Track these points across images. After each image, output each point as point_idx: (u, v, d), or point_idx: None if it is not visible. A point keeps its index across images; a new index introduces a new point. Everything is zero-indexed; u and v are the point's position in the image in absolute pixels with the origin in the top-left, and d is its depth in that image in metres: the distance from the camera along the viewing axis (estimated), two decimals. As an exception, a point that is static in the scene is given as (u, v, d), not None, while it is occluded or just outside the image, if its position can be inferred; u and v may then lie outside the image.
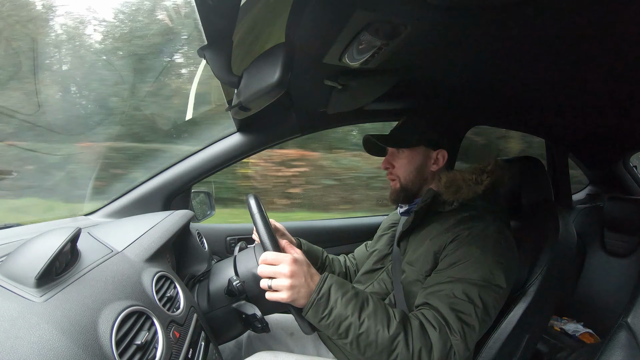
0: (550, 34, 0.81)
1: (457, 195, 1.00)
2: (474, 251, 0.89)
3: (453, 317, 0.80)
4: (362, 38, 0.79)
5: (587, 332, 1.69)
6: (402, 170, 1.09)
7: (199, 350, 0.81)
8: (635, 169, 2.19)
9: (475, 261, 0.87)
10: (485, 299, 0.84)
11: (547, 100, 1.40)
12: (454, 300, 0.83)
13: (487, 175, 1.02)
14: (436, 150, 1.08)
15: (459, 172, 1.04)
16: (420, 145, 1.08)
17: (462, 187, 1.00)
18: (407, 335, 0.78)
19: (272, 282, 0.83)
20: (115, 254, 0.80)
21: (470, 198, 1.00)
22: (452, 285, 0.85)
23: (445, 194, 1.02)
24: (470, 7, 0.70)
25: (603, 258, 1.85)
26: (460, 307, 0.82)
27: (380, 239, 1.26)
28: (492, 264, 0.87)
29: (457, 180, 1.01)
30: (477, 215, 0.98)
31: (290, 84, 1.18)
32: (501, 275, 0.87)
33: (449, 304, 0.82)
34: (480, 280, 0.85)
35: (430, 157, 1.08)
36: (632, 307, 0.81)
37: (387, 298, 1.09)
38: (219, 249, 1.68)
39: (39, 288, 0.55)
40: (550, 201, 1.27)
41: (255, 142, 1.49)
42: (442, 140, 1.09)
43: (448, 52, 0.98)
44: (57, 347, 0.48)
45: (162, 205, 1.43)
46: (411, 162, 1.08)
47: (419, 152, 1.08)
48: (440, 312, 0.82)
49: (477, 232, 0.93)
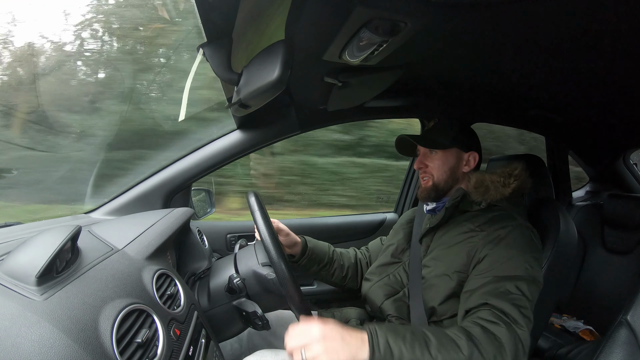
0: (551, 31, 0.81)
1: (485, 196, 1.06)
2: (513, 249, 0.93)
3: (516, 311, 0.82)
4: (363, 35, 0.79)
5: (587, 329, 1.69)
6: (436, 170, 1.13)
7: (199, 347, 0.82)
8: (636, 167, 2.19)
9: (516, 258, 0.91)
10: (533, 293, 0.88)
11: (548, 97, 1.40)
12: (512, 296, 0.85)
13: (514, 178, 1.08)
14: (468, 153, 1.13)
15: (488, 174, 1.09)
16: (454, 147, 1.13)
17: (490, 189, 1.06)
18: (479, 347, 0.77)
19: (306, 352, 0.73)
20: (115, 251, 0.80)
21: (497, 199, 1.05)
22: (504, 283, 0.87)
23: (474, 194, 1.07)
24: (470, 4, 0.70)
25: (603, 255, 1.85)
26: (519, 302, 0.84)
27: (397, 233, 1.28)
28: (530, 260, 0.91)
29: (485, 181, 1.07)
30: (507, 215, 1.02)
31: (290, 81, 1.17)
32: (539, 270, 0.92)
33: (509, 300, 0.84)
34: (526, 276, 0.88)
35: (463, 158, 1.13)
36: (632, 305, 0.81)
37: (402, 291, 1.11)
38: (220, 247, 1.69)
39: (39, 286, 0.55)
40: (550, 198, 1.27)
41: (255, 140, 1.48)
42: (472, 143, 1.15)
43: (448, 49, 0.97)
44: (57, 346, 0.48)
45: (162, 203, 1.43)
46: (445, 162, 1.13)
47: (452, 153, 1.13)
48: (502, 309, 0.83)
49: (512, 231, 0.96)
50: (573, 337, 1.66)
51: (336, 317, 1.21)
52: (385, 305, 1.11)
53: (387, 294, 1.12)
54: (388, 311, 1.10)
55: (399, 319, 1.08)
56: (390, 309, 1.10)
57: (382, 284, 1.15)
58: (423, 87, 1.37)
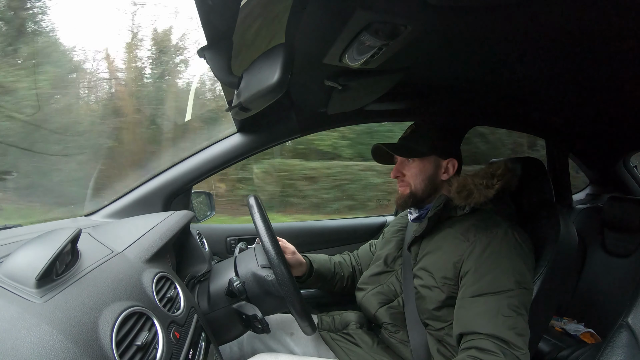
0: (551, 33, 0.81)
1: (469, 200, 1.01)
2: (501, 259, 0.90)
3: (512, 335, 0.81)
4: (363, 38, 0.79)
5: (588, 332, 1.68)
6: (413, 179, 1.10)
7: (199, 350, 0.81)
8: (636, 169, 2.19)
9: (505, 270, 0.88)
10: (525, 303, 0.87)
11: (548, 100, 1.40)
12: (505, 319, 0.83)
13: (497, 179, 1.03)
14: (447, 160, 1.10)
15: (470, 177, 1.05)
16: (432, 154, 1.09)
17: (473, 192, 1.01)
18: None
19: None
20: (115, 254, 0.80)
21: (481, 202, 1.01)
22: (495, 303, 0.85)
23: (457, 199, 1.02)
24: (470, 7, 0.70)
25: (603, 258, 1.85)
26: (513, 323, 0.82)
27: (388, 242, 1.26)
28: (519, 267, 0.90)
29: (468, 185, 1.02)
30: (492, 220, 0.99)
31: (291, 85, 1.18)
32: (528, 275, 0.91)
33: (502, 323, 0.82)
34: (516, 287, 0.86)
35: (441, 166, 1.10)
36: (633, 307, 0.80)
37: (396, 300, 1.10)
38: (220, 250, 1.68)
39: (39, 289, 0.55)
40: (551, 201, 1.27)
41: (256, 143, 1.48)
42: (452, 148, 1.11)
43: (448, 53, 0.98)
44: (57, 348, 0.47)
45: (162, 205, 1.43)
46: (422, 171, 1.09)
47: (430, 161, 1.10)
48: (497, 336, 0.81)
49: (498, 240, 0.93)
50: (574, 340, 1.66)
51: (336, 320, 1.21)
52: (380, 314, 1.10)
53: (381, 302, 1.11)
54: (383, 319, 1.09)
55: (394, 327, 1.08)
56: (384, 317, 1.09)
57: (376, 292, 1.14)
58: (423, 90, 1.38)
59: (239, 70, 0.87)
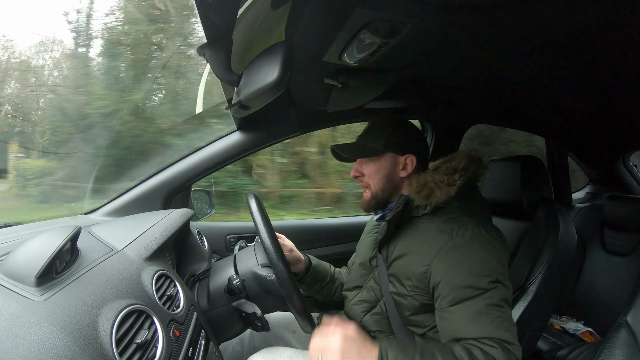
0: (551, 32, 0.81)
1: (430, 199, 0.95)
2: (471, 263, 0.86)
3: (500, 332, 0.79)
4: (362, 36, 0.79)
5: (587, 331, 1.69)
6: (371, 179, 1.05)
7: (199, 348, 0.82)
8: (635, 168, 2.19)
9: (477, 272, 0.84)
10: (504, 298, 0.83)
11: (548, 99, 1.40)
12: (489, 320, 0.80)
13: (459, 174, 0.97)
14: (404, 156, 1.03)
15: (430, 174, 0.99)
16: (387, 152, 1.04)
17: (434, 190, 0.95)
18: None
19: (322, 357, 0.77)
20: (115, 252, 0.80)
21: (443, 201, 0.95)
22: (474, 307, 0.82)
23: (417, 199, 0.97)
24: (470, 5, 0.70)
25: (603, 257, 1.85)
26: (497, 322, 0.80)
27: (362, 243, 1.23)
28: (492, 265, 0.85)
29: (428, 183, 0.97)
30: (455, 221, 0.93)
31: (290, 83, 1.18)
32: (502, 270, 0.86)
33: (489, 324, 0.80)
34: (491, 286, 0.83)
35: (398, 162, 1.04)
36: (632, 306, 0.81)
37: (377, 305, 1.06)
38: (219, 248, 1.69)
39: (39, 287, 0.55)
40: (550, 200, 1.27)
41: (255, 141, 1.49)
42: (409, 144, 1.04)
43: (448, 51, 0.97)
44: (57, 346, 0.48)
45: (162, 203, 1.43)
46: (379, 169, 1.04)
47: (386, 158, 1.04)
48: (486, 337, 0.79)
49: (465, 243, 0.88)
50: (573, 339, 1.66)
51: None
52: (366, 321, 1.07)
53: (365, 310, 1.08)
54: (370, 327, 1.06)
55: (382, 333, 1.05)
56: (371, 325, 1.06)
57: (358, 300, 1.11)
58: (423, 89, 1.37)
59: (239, 68, 0.87)
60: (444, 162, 1.03)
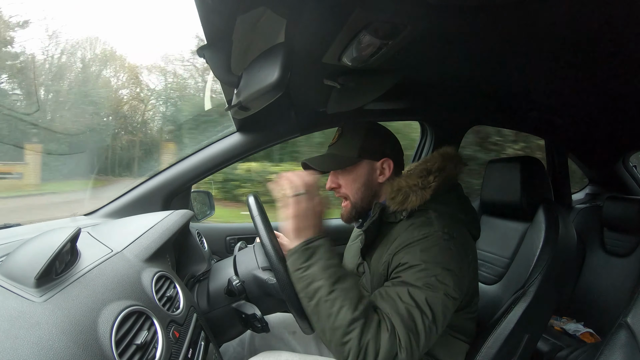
0: (551, 34, 0.81)
1: (405, 204, 0.92)
2: (419, 257, 0.83)
3: (400, 325, 0.75)
4: (362, 38, 0.79)
5: (587, 332, 1.69)
6: (349, 189, 1.01)
7: (198, 350, 0.82)
8: (635, 169, 2.19)
9: (422, 268, 0.81)
10: (433, 306, 0.78)
11: (547, 100, 1.40)
12: (401, 305, 0.77)
13: (433, 176, 0.94)
14: (380, 160, 1.00)
15: (405, 179, 0.95)
16: (362, 159, 1.00)
17: (409, 195, 0.92)
18: (366, 326, 0.75)
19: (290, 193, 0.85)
20: (115, 253, 0.80)
21: (419, 204, 0.92)
22: (398, 289, 0.80)
23: (393, 205, 0.94)
24: (469, 6, 0.70)
25: (603, 258, 1.85)
26: (407, 314, 0.76)
27: (349, 249, 1.22)
28: (439, 272, 0.81)
29: (402, 188, 0.94)
30: (425, 221, 0.90)
31: (290, 84, 1.18)
32: (450, 283, 0.81)
33: (396, 309, 0.77)
34: (426, 287, 0.79)
35: (375, 168, 1.00)
36: (632, 307, 0.81)
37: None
38: (219, 249, 1.68)
39: (38, 288, 0.55)
40: (550, 201, 1.27)
41: (255, 142, 1.49)
42: (384, 148, 1.01)
43: (448, 52, 0.98)
44: (56, 347, 0.48)
45: (162, 205, 1.43)
46: (356, 178, 1.00)
47: (362, 166, 1.00)
48: (389, 318, 0.77)
49: (421, 238, 0.86)
50: (573, 340, 1.66)
51: None
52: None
53: None
54: None
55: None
56: None
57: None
58: (422, 90, 1.38)
59: (239, 69, 0.87)
60: (419, 165, 1.00)
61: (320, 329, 0.80)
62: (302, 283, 0.81)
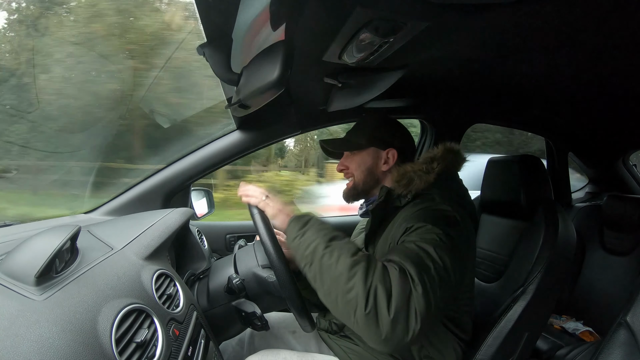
0: (552, 32, 0.81)
1: (410, 187, 0.99)
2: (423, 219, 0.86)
3: (411, 265, 0.74)
4: (362, 36, 0.79)
5: (587, 331, 1.69)
6: (355, 171, 1.11)
7: (198, 348, 0.82)
8: (635, 168, 2.19)
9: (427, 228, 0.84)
10: (443, 257, 0.78)
11: (548, 99, 1.40)
12: (410, 253, 0.78)
13: (437, 162, 1.01)
14: (386, 150, 1.09)
15: (410, 165, 1.03)
16: (370, 146, 1.10)
17: (414, 179, 0.99)
18: (369, 268, 0.74)
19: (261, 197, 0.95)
20: (115, 252, 0.80)
21: (423, 188, 0.99)
22: (406, 245, 0.82)
23: (398, 188, 1.01)
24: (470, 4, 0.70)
25: (602, 256, 1.85)
26: (417, 257, 0.77)
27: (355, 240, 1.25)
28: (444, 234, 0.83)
29: (407, 173, 1.01)
30: (430, 201, 0.95)
31: (290, 82, 1.18)
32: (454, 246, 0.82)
33: (407, 256, 0.77)
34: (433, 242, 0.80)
35: (380, 157, 1.09)
36: (631, 306, 0.81)
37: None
38: (219, 247, 1.69)
39: (38, 286, 0.55)
40: (550, 200, 1.27)
41: (255, 140, 1.49)
42: (392, 139, 1.10)
43: (448, 50, 0.97)
44: (57, 345, 0.48)
45: (162, 203, 1.43)
46: (361, 163, 1.10)
47: (369, 153, 1.10)
48: (400, 262, 0.76)
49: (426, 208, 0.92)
50: (573, 338, 1.67)
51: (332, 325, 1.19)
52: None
53: None
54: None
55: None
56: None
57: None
58: (423, 88, 1.37)
59: (239, 67, 0.87)
60: (424, 154, 1.07)
61: (325, 293, 0.77)
62: (300, 249, 0.82)
